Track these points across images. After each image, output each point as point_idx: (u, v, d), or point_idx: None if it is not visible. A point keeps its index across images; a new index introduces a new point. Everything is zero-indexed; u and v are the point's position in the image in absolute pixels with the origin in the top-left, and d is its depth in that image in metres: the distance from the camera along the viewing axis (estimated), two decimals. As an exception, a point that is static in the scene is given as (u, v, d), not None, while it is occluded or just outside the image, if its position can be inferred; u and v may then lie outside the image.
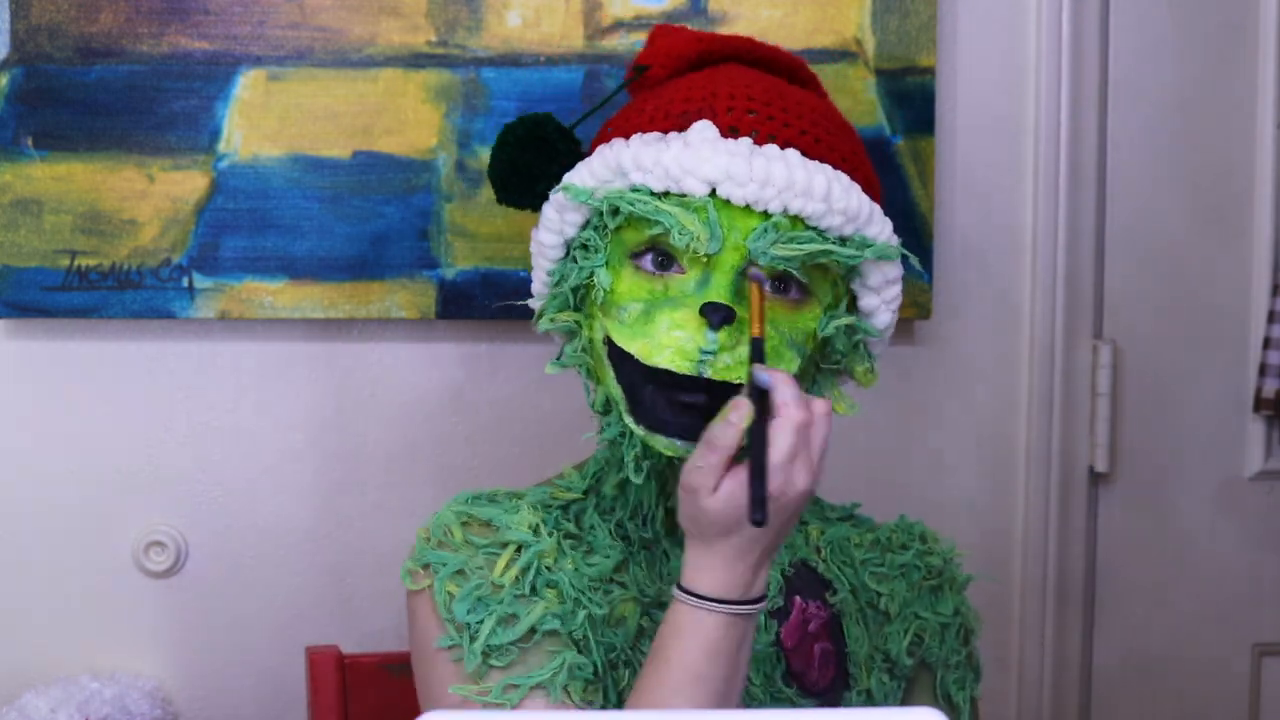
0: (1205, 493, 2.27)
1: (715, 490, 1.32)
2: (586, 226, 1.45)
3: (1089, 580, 2.25)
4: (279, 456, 2.11)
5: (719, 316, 1.36)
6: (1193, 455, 2.27)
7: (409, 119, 2.05)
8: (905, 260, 1.47)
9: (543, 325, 1.48)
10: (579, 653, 1.40)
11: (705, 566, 1.34)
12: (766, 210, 1.38)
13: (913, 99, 2.11)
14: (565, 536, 1.46)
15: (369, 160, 2.05)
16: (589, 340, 1.44)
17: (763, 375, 1.33)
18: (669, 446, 1.40)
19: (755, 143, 1.40)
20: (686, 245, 1.37)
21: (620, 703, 1.41)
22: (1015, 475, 2.23)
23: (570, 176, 1.45)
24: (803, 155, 1.40)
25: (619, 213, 1.41)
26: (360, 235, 2.05)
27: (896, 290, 1.47)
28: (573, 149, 1.50)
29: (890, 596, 1.56)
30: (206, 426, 2.10)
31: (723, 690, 1.34)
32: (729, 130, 1.41)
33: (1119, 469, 2.25)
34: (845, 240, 1.41)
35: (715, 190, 1.38)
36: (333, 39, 2.04)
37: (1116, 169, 2.22)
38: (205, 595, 2.11)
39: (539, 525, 1.44)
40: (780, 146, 1.40)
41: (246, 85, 2.04)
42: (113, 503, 2.09)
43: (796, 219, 1.39)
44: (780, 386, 1.32)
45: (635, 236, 1.41)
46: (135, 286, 2.03)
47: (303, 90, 2.04)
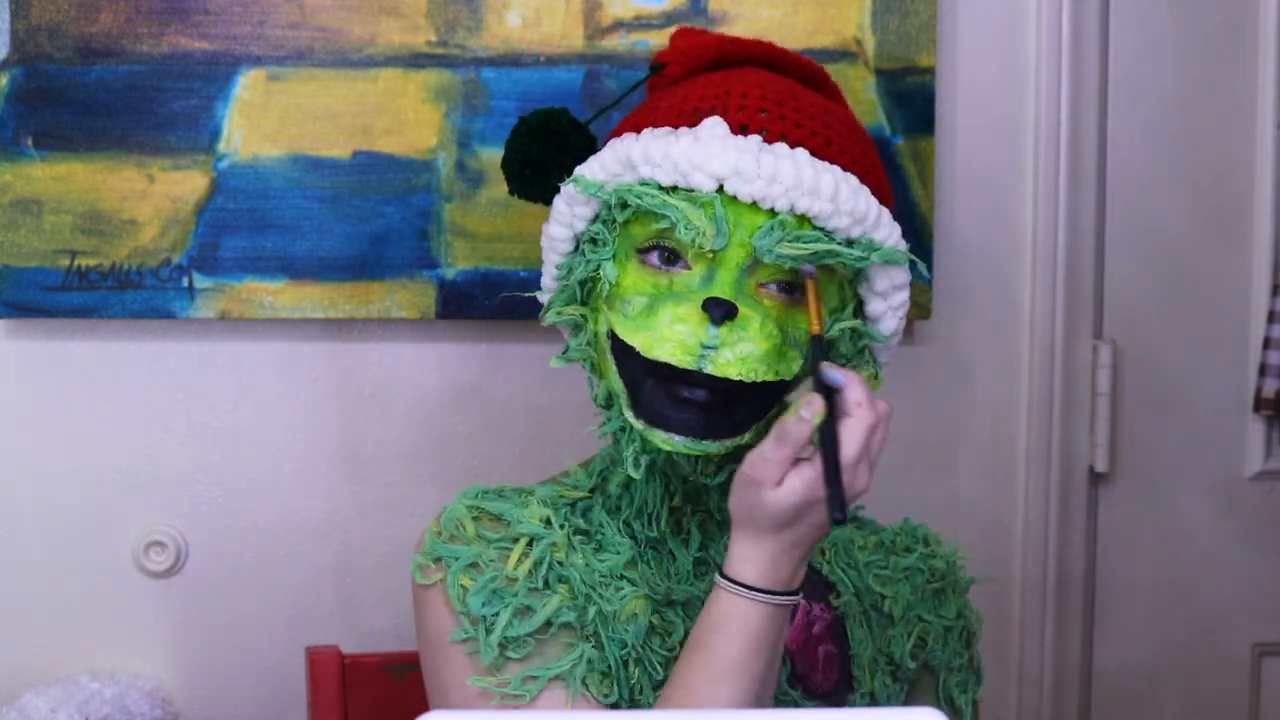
0: (1205, 493, 2.27)
1: (779, 484, 1.32)
2: (596, 220, 1.45)
3: (1089, 580, 2.25)
4: (279, 456, 2.11)
5: (721, 312, 1.36)
6: (1193, 455, 2.27)
7: (409, 119, 2.05)
8: (912, 265, 1.47)
9: (549, 318, 1.48)
10: (593, 647, 1.40)
11: (753, 558, 1.34)
12: (773, 208, 1.38)
13: (913, 99, 2.11)
14: (575, 532, 1.46)
15: (369, 160, 2.05)
16: (594, 334, 1.44)
17: (834, 374, 1.33)
18: (666, 441, 1.40)
19: (765, 141, 1.40)
20: (692, 240, 1.37)
21: (631, 700, 1.41)
22: (1015, 475, 2.23)
23: (581, 169, 1.46)
24: (812, 155, 1.40)
25: (627, 206, 1.41)
26: (360, 235, 2.05)
27: (904, 297, 1.47)
28: (586, 143, 1.51)
29: (894, 599, 1.56)
30: (206, 426, 2.10)
31: (764, 679, 1.35)
32: (739, 128, 1.41)
33: (1119, 469, 2.25)
34: (852, 243, 1.41)
35: (723, 187, 1.38)
36: (333, 39, 2.04)
37: (1116, 169, 2.22)
38: (205, 595, 2.11)
39: (550, 519, 1.44)
40: (790, 145, 1.40)
41: (246, 85, 2.03)
42: (113, 503, 2.09)
43: (803, 219, 1.39)
44: (854, 386, 1.33)
45: (643, 231, 1.41)
46: (135, 286, 2.03)
47: (303, 90, 2.04)
